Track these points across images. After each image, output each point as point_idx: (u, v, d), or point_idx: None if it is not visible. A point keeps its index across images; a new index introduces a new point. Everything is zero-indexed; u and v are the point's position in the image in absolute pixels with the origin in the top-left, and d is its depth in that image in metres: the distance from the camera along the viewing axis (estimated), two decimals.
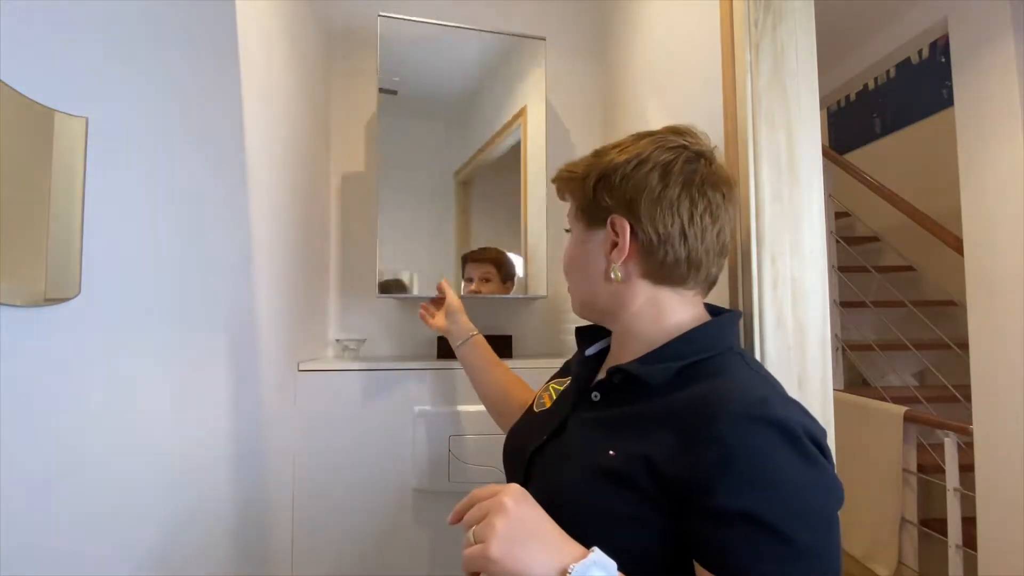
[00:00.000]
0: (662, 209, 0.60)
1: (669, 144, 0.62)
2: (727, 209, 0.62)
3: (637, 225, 0.61)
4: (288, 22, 1.18)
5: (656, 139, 0.63)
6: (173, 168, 0.72)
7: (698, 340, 0.60)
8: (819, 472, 0.49)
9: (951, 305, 2.64)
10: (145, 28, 0.66)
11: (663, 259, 0.61)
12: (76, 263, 0.54)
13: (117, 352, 0.61)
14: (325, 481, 1.21)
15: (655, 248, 0.60)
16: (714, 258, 0.62)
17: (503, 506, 0.47)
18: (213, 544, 0.84)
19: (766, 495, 0.46)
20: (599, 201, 0.63)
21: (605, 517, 0.52)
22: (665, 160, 0.61)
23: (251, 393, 0.98)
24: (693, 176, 0.60)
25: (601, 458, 0.55)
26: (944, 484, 1.89)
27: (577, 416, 0.65)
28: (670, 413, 0.54)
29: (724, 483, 0.47)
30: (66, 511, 0.54)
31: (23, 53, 0.48)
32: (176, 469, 0.74)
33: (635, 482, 0.51)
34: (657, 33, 1.21)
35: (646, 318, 0.63)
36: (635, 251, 0.62)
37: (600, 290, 0.65)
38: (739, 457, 0.47)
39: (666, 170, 0.60)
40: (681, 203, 0.60)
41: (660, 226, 0.60)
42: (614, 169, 0.62)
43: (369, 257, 1.50)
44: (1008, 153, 1.60)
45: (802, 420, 0.50)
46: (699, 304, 0.65)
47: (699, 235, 0.60)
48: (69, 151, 0.53)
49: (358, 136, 1.53)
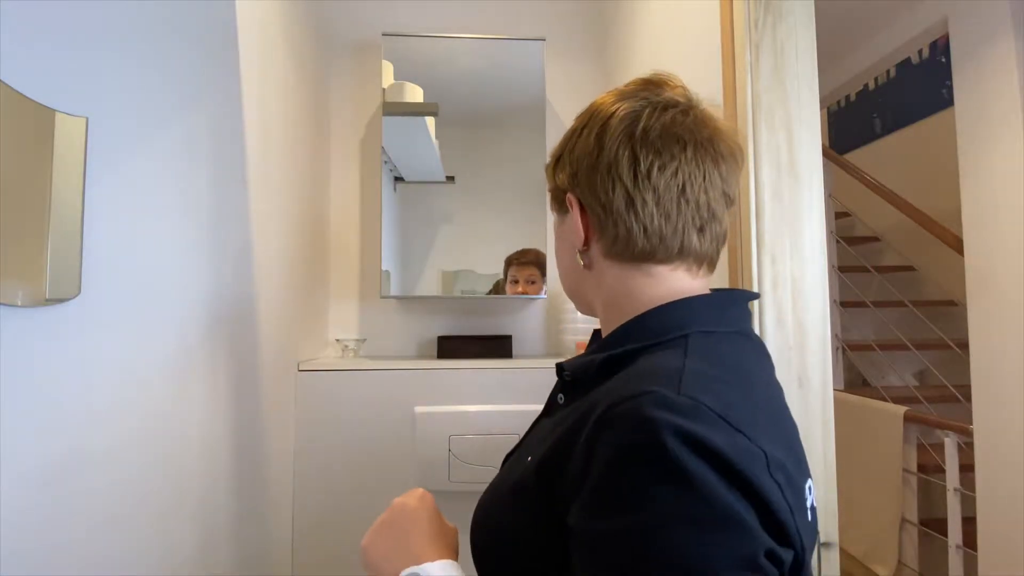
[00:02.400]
0: (600, 174, 0.50)
1: (610, 101, 0.53)
2: (700, 162, 0.50)
3: (584, 200, 0.52)
4: (288, 22, 1.18)
5: (615, 96, 0.53)
6: (173, 168, 0.72)
7: (646, 325, 0.49)
8: (696, 504, 0.34)
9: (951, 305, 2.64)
10: (145, 28, 0.66)
11: (616, 234, 0.51)
12: (76, 263, 0.54)
13: (117, 352, 0.61)
14: (325, 481, 1.21)
15: (603, 222, 0.51)
16: (686, 223, 0.50)
17: (393, 503, 0.53)
18: (213, 544, 0.84)
19: (616, 522, 0.36)
20: (557, 180, 0.56)
21: (506, 530, 0.48)
22: (603, 118, 0.52)
23: (251, 393, 0.98)
24: (634, 129, 0.50)
25: (520, 468, 0.49)
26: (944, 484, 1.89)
27: (540, 421, 0.59)
28: (584, 409, 0.44)
29: (581, 497, 0.39)
30: (66, 511, 0.54)
31: (23, 53, 0.48)
32: (176, 469, 0.74)
33: (530, 491, 0.45)
34: (657, 33, 1.21)
35: (618, 305, 0.53)
36: (591, 230, 0.53)
37: (579, 281, 0.57)
38: (594, 469, 0.38)
39: (602, 128, 0.51)
40: (619, 163, 0.49)
41: (601, 194, 0.50)
42: (565, 141, 0.56)
43: (370, 257, 1.50)
44: (1008, 153, 1.60)
45: (688, 427, 0.35)
46: (682, 280, 0.52)
47: (652, 198, 0.49)
48: (69, 151, 0.53)
49: (359, 136, 1.53)
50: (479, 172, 1.46)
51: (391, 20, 1.50)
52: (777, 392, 0.51)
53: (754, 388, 0.45)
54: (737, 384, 0.43)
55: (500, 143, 1.46)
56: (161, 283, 0.70)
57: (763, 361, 0.51)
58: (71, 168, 0.53)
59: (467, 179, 1.45)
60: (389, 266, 1.40)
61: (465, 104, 1.44)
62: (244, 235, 0.95)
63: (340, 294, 1.49)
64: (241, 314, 0.94)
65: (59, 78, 0.52)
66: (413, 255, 1.43)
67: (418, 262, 1.44)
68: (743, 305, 0.54)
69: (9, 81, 0.46)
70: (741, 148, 0.54)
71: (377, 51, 1.45)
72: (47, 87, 0.50)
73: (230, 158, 0.90)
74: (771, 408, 0.46)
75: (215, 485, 0.85)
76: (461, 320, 1.51)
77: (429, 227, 1.45)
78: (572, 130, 0.55)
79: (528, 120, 1.44)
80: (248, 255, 0.96)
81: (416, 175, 1.45)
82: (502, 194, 1.45)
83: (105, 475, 0.60)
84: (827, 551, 0.74)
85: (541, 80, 1.44)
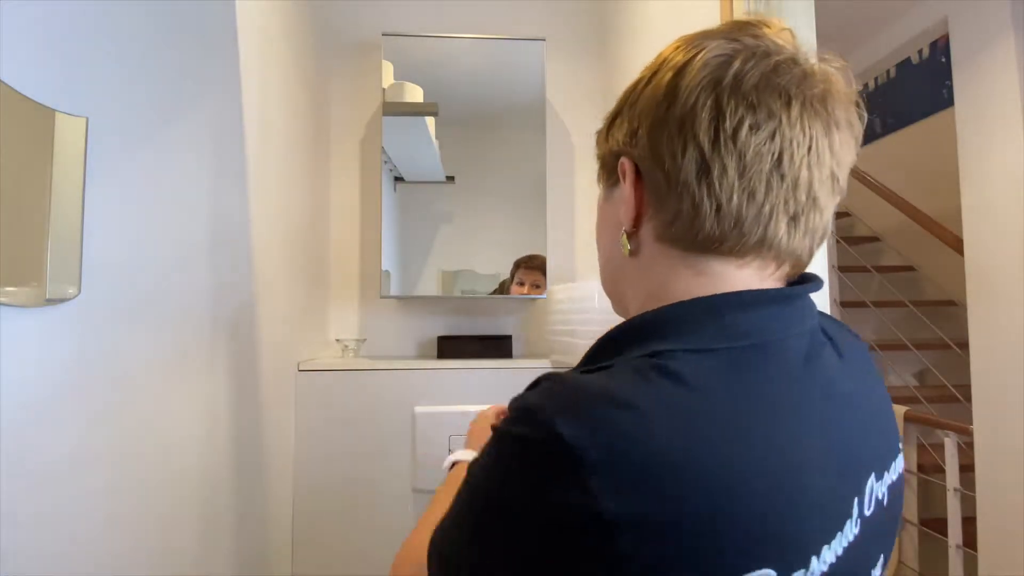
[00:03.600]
0: (668, 131, 0.37)
1: (712, 41, 0.38)
2: (806, 127, 0.36)
3: (640, 162, 0.40)
4: (288, 22, 1.18)
5: (696, 36, 0.40)
6: (173, 168, 0.72)
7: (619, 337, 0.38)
8: (496, 476, 0.31)
9: (951, 305, 2.63)
10: (145, 28, 0.66)
11: (678, 210, 0.37)
12: (76, 263, 0.54)
13: (117, 352, 0.61)
14: (325, 481, 1.21)
15: (664, 195, 0.38)
16: (775, 207, 0.36)
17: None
18: (213, 544, 0.84)
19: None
20: (611, 142, 0.43)
21: None
22: (680, 62, 0.38)
23: (251, 393, 0.98)
24: (722, 74, 0.36)
25: None
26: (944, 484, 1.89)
27: None
28: None
29: None
30: (66, 511, 0.54)
31: (23, 53, 0.48)
32: (176, 469, 0.74)
33: None
34: (657, 33, 1.21)
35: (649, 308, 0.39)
36: (645, 205, 0.40)
37: (618, 272, 0.45)
38: None
39: (679, 73, 0.38)
40: (697, 117, 0.36)
41: (667, 158, 0.37)
42: (627, 94, 0.42)
43: (370, 257, 1.50)
44: (1008, 153, 1.60)
45: (538, 403, 0.30)
46: (747, 282, 0.38)
47: (734, 166, 0.36)
48: (69, 151, 0.53)
49: (359, 136, 1.53)
50: (479, 172, 1.46)
51: (391, 20, 1.50)
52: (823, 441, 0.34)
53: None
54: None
55: (500, 143, 1.46)
56: (161, 283, 0.70)
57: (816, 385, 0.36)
58: (71, 168, 0.53)
59: (467, 179, 1.45)
60: (389, 266, 1.40)
61: (465, 104, 1.44)
62: (244, 235, 0.95)
63: (340, 294, 1.49)
64: (241, 314, 0.94)
65: (59, 78, 0.52)
66: (413, 255, 1.43)
67: (418, 262, 1.43)
68: (792, 302, 0.38)
69: (9, 81, 0.46)
70: (862, 119, 0.40)
71: (377, 51, 1.44)
72: (47, 87, 0.50)
73: (230, 158, 0.89)
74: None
75: (215, 485, 0.85)
76: (461, 320, 1.51)
77: (429, 227, 1.45)
78: (637, 81, 0.42)
79: (528, 120, 1.44)
80: (248, 255, 0.96)
81: (416, 175, 1.45)
82: (502, 194, 1.45)
83: (105, 475, 0.60)
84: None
85: (541, 80, 1.44)
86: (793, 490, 0.31)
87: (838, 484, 0.34)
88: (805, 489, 0.31)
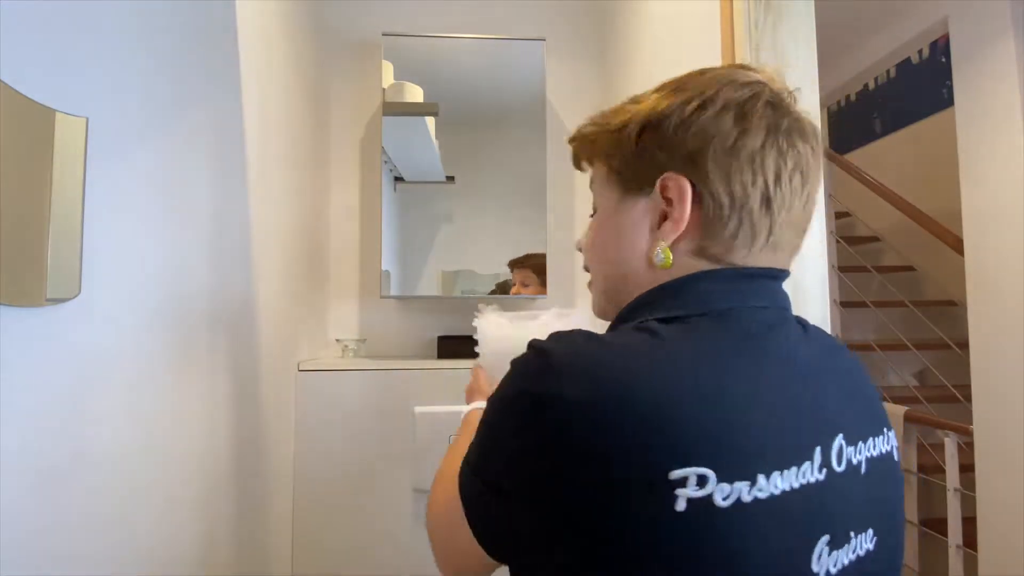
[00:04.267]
0: (740, 161, 0.43)
1: (741, 80, 0.46)
2: (817, 171, 0.47)
3: (702, 185, 0.44)
4: (288, 22, 1.18)
5: (720, 76, 0.47)
6: (173, 168, 0.72)
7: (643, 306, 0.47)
8: (500, 413, 0.42)
9: (951, 305, 2.63)
10: (145, 28, 0.66)
11: (735, 231, 0.44)
12: (76, 263, 0.54)
13: (117, 352, 0.61)
14: (325, 481, 1.21)
15: (725, 216, 0.44)
16: (792, 238, 0.46)
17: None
18: (213, 544, 0.84)
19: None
20: (646, 157, 0.46)
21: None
22: (740, 98, 0.44)
23: (251, 393, 0.98)
24: (779, 121, 0.44)
25: None
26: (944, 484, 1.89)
27: None
28: None
29: None
30: (66, 511, 0.54)
31: (23, 53, 0.48)
32: (176, 469, 0.74)
33: None
34: (657, 33, 1.21)
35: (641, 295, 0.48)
36: (693, 222, 0.45)
37: (630, 278, 0.48)
38: None
39: (743, 111, 0.44)
40: (767, 154, 0.43)
41: (737, 185, 0.43)
42: (667, 114, 0.46)
43: (370, 257, 1.50)
44: (1008, 153, 1.60)
45: (547, 346, 0.40)
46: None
47: (786, 200, 0.44)
48: (69, 151, 0.53)
49: (359, 136, 1.53)
50: (479, 172, 1.46)
51: (391, 20, 1.50)
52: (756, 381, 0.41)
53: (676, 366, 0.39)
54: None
55: (500, 143, 1.46)
56: (161, 283, 0.70)
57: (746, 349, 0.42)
58: (71, 168, 0.53)
59: (467, 179, 1.45)
60: (389, 266, 1.40)
61: (465, 104, 1.44)
62: (244, 235, 0.95)
63: (340, 294, 1.49)
64: (241, 314, 0.94)
65: (59, 78, 0.52)
66: (413, 255, 1.43)
67: (418, 262, 1.44)
68: (754, 280, 0.46)
69: (9, 81, 0.46)
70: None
71: (377, 51, 1.45)
72: (47, 87, 0.50)
73: (230, 158, 0.89)
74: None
75: (215, 485, 0.85)
76: (461, 320, 1.51)
77: (429, 227, 1.45)
78: (671, 105, 0.46)
79: (528, 120, 1.44)
80: (248, 255, 0.96)
81: (416, 175, 1.45)
82: (502, 194, 1.45)
83: (105, 475, 0.60)
84: None
85: (541, 80, 1.44)
86: (734, 412, 0.37)
87: (792, 426, 0.39)
88: (749, 416, 0.38)
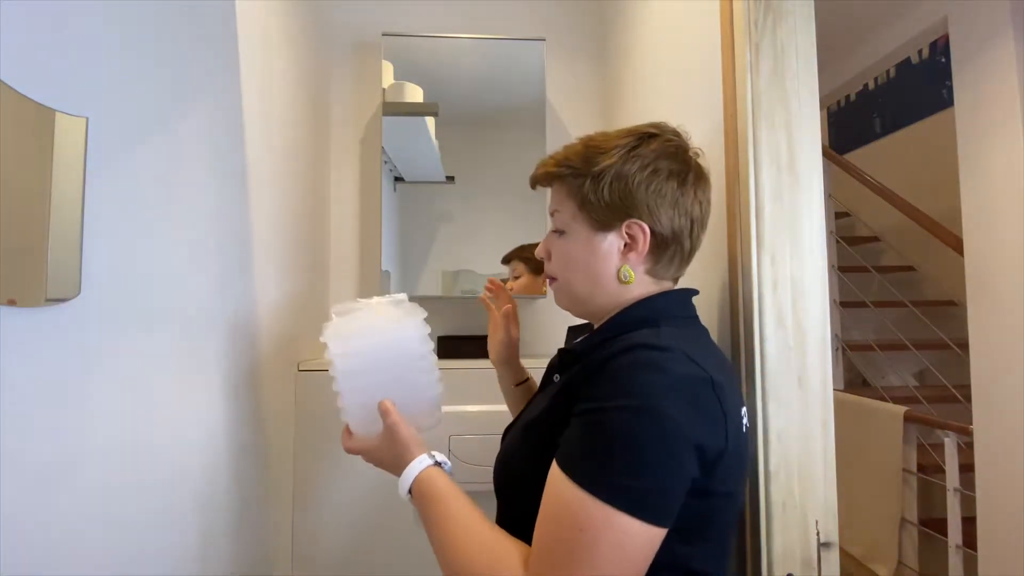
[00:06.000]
0: (678, 211, 0.64)
1: (668, 145, 0.66)
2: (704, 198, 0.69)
3: (657, 227, 0.64)
4: (288, 22, 1.18)
5: (658, 144, 0.66)
6: (173, 168, 0.72)
7: (636, 315, 0.65)
8: (662, 380, 0.53)
9: (951, 305, 2.64)
10: (145, 28, 0.66)
11: (672, 255, 0.66)
12: (76, 263, 0.54)
13: (117, 352, 0.61)
14: (325, 481, 1.21)
15: (668, 245, 0.65)
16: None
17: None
18: (213, 544, 0.84)
19: (608, 390, 0.53)
20: (614, 205, 0.64)
21: (530, 458, 0.61)
22: (677, 169, 0.65)
23: (251, 393, 0.98)
24: (698, 177, 0.66)
25: (531, 414, 0.66)
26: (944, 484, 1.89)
27: (535, 399, 0.74)
28: (585, 367, 0.60)
29: (586, 391, 0.56)
30: (66, 511, 0.54)
31: (23, 53, 0.48)
32: (176, 469, 0.74)
33: (553, 423, 0.59)
34: (657, 33, 1.21)
35: (620, 307, 0.67)
36: (648, 250, 0.65)
37: (605, 290, 0.67)
38: (606, 371, 0.55)
39: (681, 176, 0.65)
40: (694, 204, 0.65)
41: (677, 225, 0.64)
42: (626, 176, 0.64)
43: (370, 257, 1.50)
44: (1008, 153, 1.60)
45: (664, 358, 0.55)
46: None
47: (700, 229, 0.67)
48: (69, 151, 0.53)
49: (359, 136, 1.53)
50: (479, 172, 1.46)
51: (391, 20, 1.50)
52: (719, 351, 0.68)
53: (706, 345, 0.65)
54: (694, 340, 0.62)
55: (500, 143, 1.46)
56: (161, 283, 0.70)
57: (707, 335, 0.68)
58: (71, 168, 0.53)
59: (467, 179, 1.45)
60: (389, 266, 1.40)
61: (465, 104, 1.44)
62: (244, 235, 0.95)
63: (340, 294, 1.49)
64: (241, 314, 0.94)
65: (59, 78, 0.52)
66: (413, 255, 1.44)
67: (418, 262, 1.44)
68: (690, 299, 0.70)
69: (9, 81, 0.46)
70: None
71: (377, 51, 1.45)
72: (47, 87, 0.50)
73: (230, 158, 0.90)
74: (717, 356, 0.64)
75: (215, 485, 0.85)
76: (461, 320, 1.51)
77: (429, 227, 1.45)
78: (629, 170, 0.64)
79: (528, 120, 1.44)
80: (248, 255, 0.96)
81: (416, 175, 1.45)
82: (502, 194, 1.46)
83: (105, 475, 0.60)
84: (827, 551, 0.73)
85: (541, 80, 1.45)
86: (727, 373, 0.62)
87: (736, 384, 0.70)
88: (731, 378, 0.63)
